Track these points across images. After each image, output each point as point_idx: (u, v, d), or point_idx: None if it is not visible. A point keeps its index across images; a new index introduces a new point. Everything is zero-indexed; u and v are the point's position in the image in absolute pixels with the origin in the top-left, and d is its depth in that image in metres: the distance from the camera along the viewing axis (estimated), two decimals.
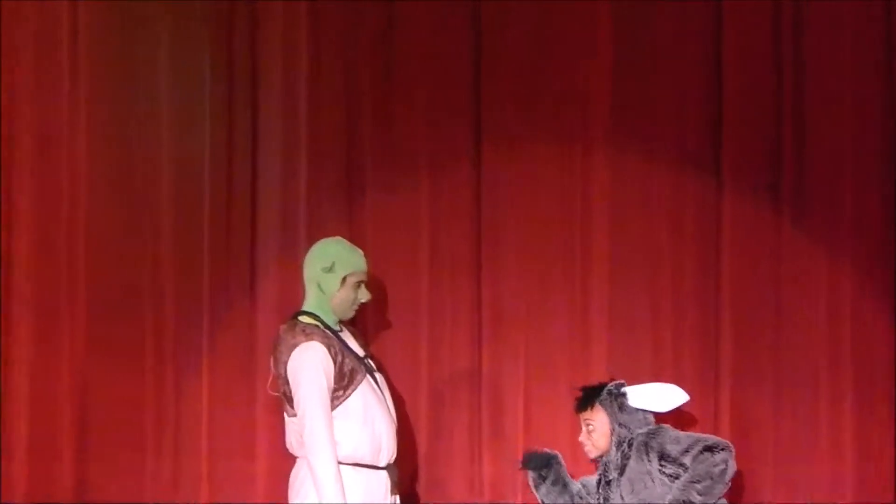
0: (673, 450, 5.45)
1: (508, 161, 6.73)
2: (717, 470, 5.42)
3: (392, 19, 6.71)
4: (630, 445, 5.54)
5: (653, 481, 5.47)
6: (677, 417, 6.07)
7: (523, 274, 6.72)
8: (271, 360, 5.53)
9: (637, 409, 5.60)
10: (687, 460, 5.42)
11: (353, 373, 5.43)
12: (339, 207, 6.71)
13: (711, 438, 5.51)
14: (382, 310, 6.60)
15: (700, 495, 5.39)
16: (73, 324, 6.70)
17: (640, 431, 5.55)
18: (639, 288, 6.72)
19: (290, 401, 5.41)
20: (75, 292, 6.71)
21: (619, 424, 5.58)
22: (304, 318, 5.51)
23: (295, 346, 5.39)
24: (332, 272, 5.53)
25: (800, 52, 6.69)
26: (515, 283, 6.71)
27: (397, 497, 5.58)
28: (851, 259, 6.70)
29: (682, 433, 5.58)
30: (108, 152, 6.73)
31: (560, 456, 5.78)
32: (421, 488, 6.62)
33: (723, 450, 5.42)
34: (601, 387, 5.68)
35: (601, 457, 5.66)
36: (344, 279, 5.53)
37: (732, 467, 5.44)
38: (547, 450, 5.78)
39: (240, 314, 6.71)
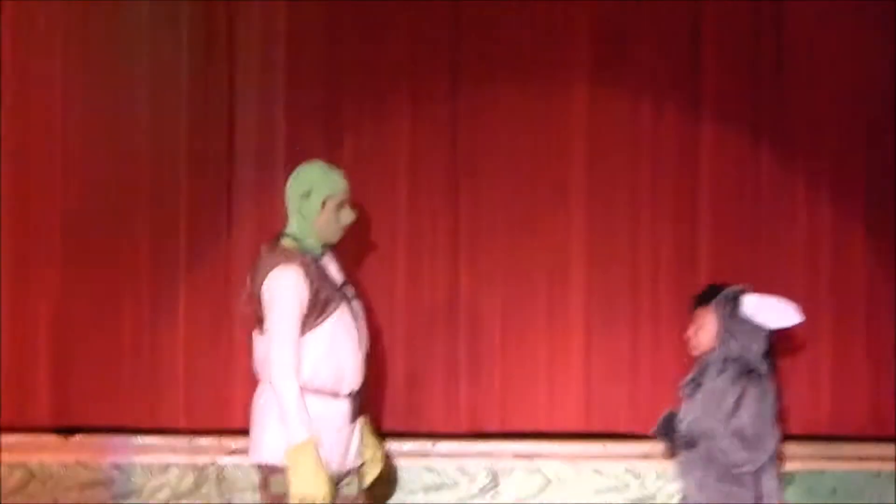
0: (745, 413, 5.44)
1: (487, 93, 6.73)
2: (729, 459, 5.41)
3: None
4: (734, 362, 5.55)
5: (718, 408, 5.47)
6: None
7: (501, 204, 6.73)
8: (248, 277, 5.52)
9: (748, 320, 5.55)
10: (733, 424, 5.41)
11: (327, 301, 5.39)
12: (318, 139, 6.69)
13: (765, 440, 5.46)
14: (361, 238, 6.57)
15: (719, 452, 5.41)
16: (49, 257, 6.72)
17: (749, 359, 5.57)
18: (618, 218, 6.74)
19: (261, 321, 5.41)
20: (51, 227, 6.73)
21: (727, 330, 5.52)
22: (286, 242, 5.49)
23: (273, 266, 5.36)
24: (309, 197, 5.47)
25: None
26: (493, 213, 6.73)
27: (357, 424, 5.56)
28: (829, 187, 6.72)
29: (764, 404, 5.44)
30: (85, 84, 6.73)
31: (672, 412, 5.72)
32: (398, 416, 6.65)
33: (751, 459, 5.44)
34: (721, 288, 5.62)
35: (702, 356, 5.62)
36: (323, 203, 5.48)
37: (742, 464, 5.44)
38: (664, 413, 5.72)
39: (216, 245, 6.73)
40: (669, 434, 5.58)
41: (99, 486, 6.52)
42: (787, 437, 6.41)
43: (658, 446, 6.40)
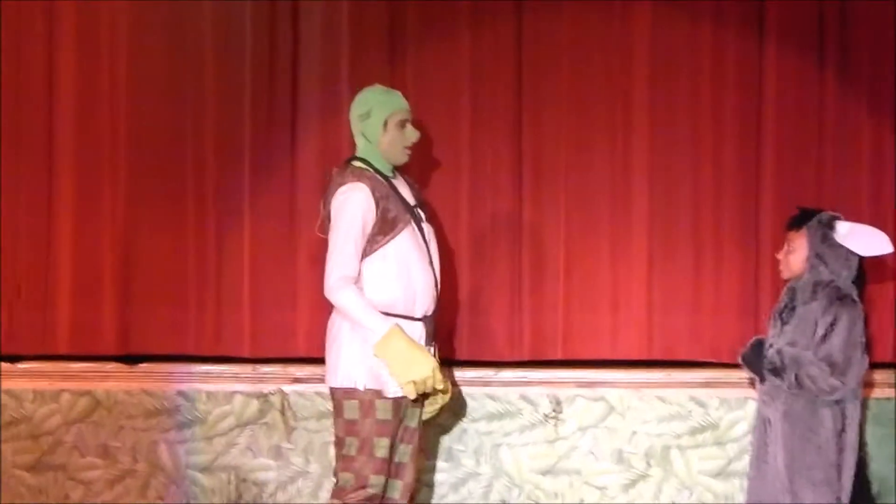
0: (836, 339, 5.42)
1: (550, 15, 6.66)
2: (818, 386, 5.39)
3: None
4: (825, 288, 5.51)
5: (809, 334, 5.46)
6: None
7: (564, 127, 6.68)
8: (321, 201, 5.54)
9: (840, 246, 5.52)
10: (823, 350, 5.40)
11: (395, 220, 5.42)
12: (381, 63, 6.66)
13: (854, 367, 5.45)
14: (423, 162, 6.57)
15: (807, 379, 5.39)
16: (114, 179, 6.74)
17: (841, 285, 5.51)
18: (680, 142, 6.68)
19: None
20: (117, 148, 6.74)
21: (817, 255, 5.52)
22: (355, 163, 5.52)
23: (342, 184, 5.40)
24: (370, 118, 5.51)
25: None
26: (556, 136, 6.68)
27: (433, 348, 5.59)
28: (894, 115, 6.62)
29: (855, 331, 5.46)
30: (151, 11, 6.70)
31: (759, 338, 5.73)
32: (461, 344, 6.67)
33: (838, 386, 5.40)
34: (814, 213, 5.62)
35: (791, 280, 5.62)
36: (385, 122, 5.51)
37: (830, 391, 5.43)
38: (752, 340, 5.72)
39: (281, 169, 6.72)
40: (757, 362, 5.56)
41: (163, 414, 6.57)
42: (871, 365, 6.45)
43: (721, 373, 6.44)
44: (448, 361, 6.39)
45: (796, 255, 5.59)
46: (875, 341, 6.54)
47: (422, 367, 5.31)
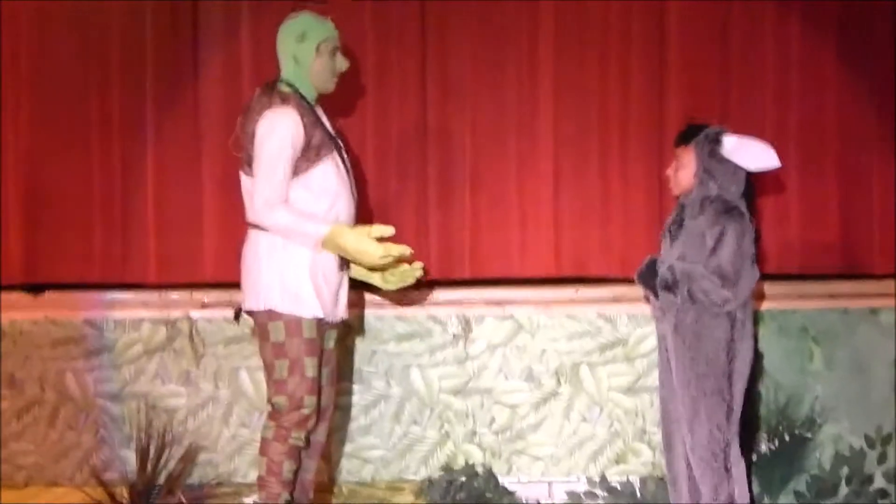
0: (725, 252, 5.42)
1: None
2: (710, 298, 5.39)
3: None
4: (712, 203, 5.50)
5: (699, 248, 5.46)
6: None
7: (468, 45, 6.66)
8: (240, 119, 5.48)
9: (728, 161, 5.50)
10: (713, 263, 5.40)
11: (320, 147, 5.40)
12: None
13: (744, 278, 5.43)
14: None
15: (700, 293, 5.41)
16: (16, 107, 6.65)
17: (728, 198, 5.50)
18: (586, 59, 6.68)
19: (251, 162, 5.40)
20: (20, 76, 6.65)
21: (705, 170, 5.50)
22: (282, 86, 5.48)
23: (269, 106, 5.36)
24: (304, 41, 5.47)
25: None
26: (460, 55, 6.67)
27: (346, 274, 5.60)
28: (800, 20, 6.66)
29: (744, 243, 5.43)
30: None
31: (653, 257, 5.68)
32: None
33: (730, 297, 5.40)
34: (702, 127, 5.58)
35: (681, 196, 5.61)
36: (318, 47, 5.48)
37: (722, 303, 5.43)
38: (646, 259, 5.66)
39: (183, 96, 6.66)
40: (652, 279, 5.57)
41: (70, 343, 6.52)
42: (777, 277, 6.48)
43: (629, 289, 6.45)
44: (356, 282, 6.35)
45: (685, 171, 5.57)
46: (778, 252, 6.60)
47: (371, 253, 5.33)
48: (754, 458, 6.45)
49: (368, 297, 6.48)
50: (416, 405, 6.54)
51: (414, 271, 5.61)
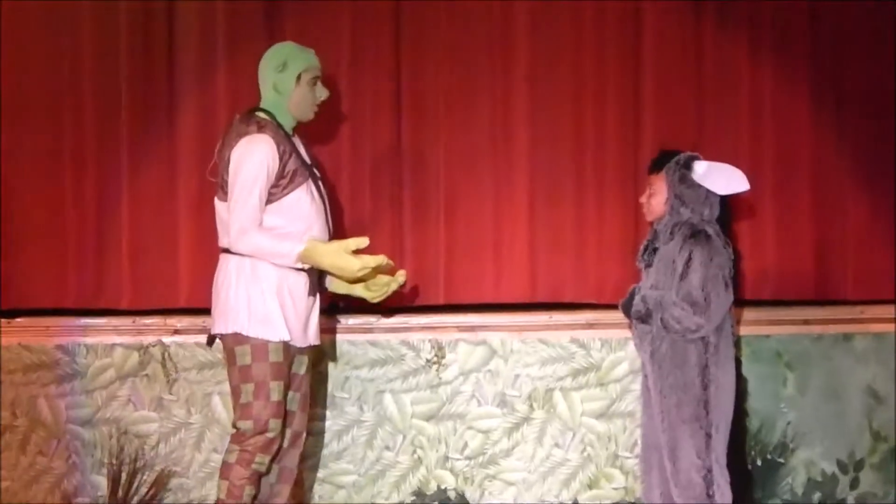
0: (694, 277, 5.43)
1: None
2: (683, 325, 5.41)
3: None
4: (681, 228, 5.50)
5: (670, 274, 5.47)
6: None
7: (443, 72, 6.67)
8: (218, 144, 5.52)
9: (698, 186, 5.52)
10: (683, 290, 5.41)
11: (294, 174, 5.46)
12: (258, 14, 6.63)
13: (715, 303, 5.46)
14: None
15: (672, 321, 5.42)
16: None
17: (696, 222, 5.51)
18: (561, 88, 6.68)
19: (226, 188, 5.42)
20: None
21: (676, 196, 5.53)
22: (260, 114, 5.51)
23: (245, 134, 5.39)
24: (285, 70, 5.53)
25: None
26: (435, 81, 6.67)
27: (316, 298, 5.61)
28: (772, 53, 6.67)
29: (713, 267, 5.46)
30: None
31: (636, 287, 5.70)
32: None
33: (702, 324, 5.42)
34: (673, 154, 5.62)
35: (655, 223, 5.64)
36: (299, 76, 5.53)
37: (696, 329, 5.45)
38: (630, 289, 5.69)
39: (158, 122, 6.66)
40: (631, 309, 5.59)
41: (43, 369, 6.50)
42: (749, 303, 6.49)
43: (602, 315, 6.47)
44: (330, 308, 6.38)
45: (657, 198, 5.61)
46: (752, 278, 6.61)
47: (349, 267, 5.38)
48: None
49: (341, 321, 6.47)
50: (389, 430, 6.53)
51: (396, 281, 5.64)
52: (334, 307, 6.38)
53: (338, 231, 6.39)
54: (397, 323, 6.52)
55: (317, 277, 5.60)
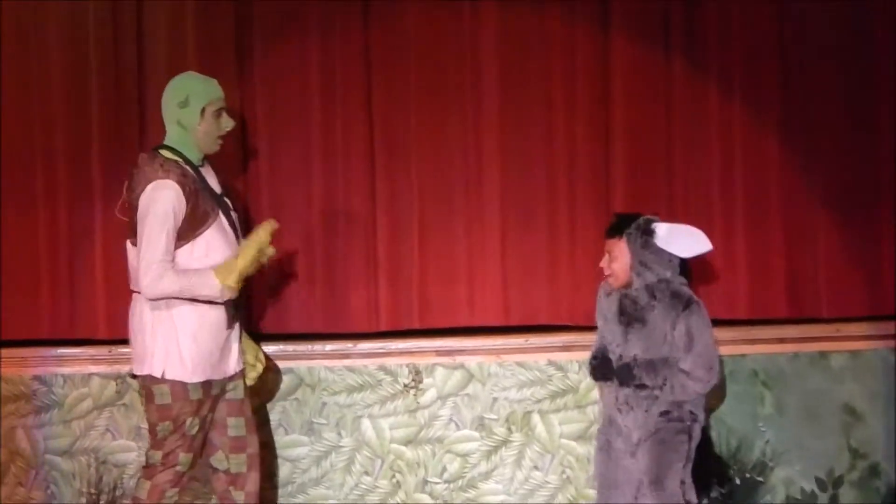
0: (700, 345, 5.45)
1: (398, 9, 6.70)
2: (696, 390, 5.46)
3: None
4: (659, 290, 5.49)
5: (670, 338, 5.48)
6: None
7: (415, 102, 6.70)
8: (126, 184, 5.50)
9: (662, 250, 5.50)
10: (691, 361, 5.44)
11: (205, 214, 5.42)
12: (229, 51, 6.67)
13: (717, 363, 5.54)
14: (274, 155, 6.66)
15: (679, 386, 5.46)
16: None
17: (676, 287, 5.49)
18: (532, 116, 6.71)
19: (135, 231, 5.41)
20: None
21: (640, 262, 5.50)
22: (164, 152, 5.47)
23: (151, 180, 5.35)
24: (188, 105, 5.47)
25: None
26: (406, 111, 6.70)
27: (235, 330, 5.60)
28: (742, 102, 6.71)
29: (708, 329, 5.51)
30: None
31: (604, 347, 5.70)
32: (318, 315, 6.67)
33: (714, 379, 5.48)
34: (630, 217, 5.59)
35: (621, 288, 5.59)
36: (203, 111, 5.47)
37: (695, 400, 5.52)
38: (597, 354, 5.67)
39: (130, 154, 6.56)
40: (610, 372, 5.57)
41: (20, 400, 6.51)
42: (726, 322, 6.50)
43: (579, 337, 6.47)
44: (306, 335, 6.41)
45: (619, 264, 5.55)
46: (727, 298, 6.62)
47: (253, 253, 5.41)
48: (705, 502, 6.44)
49: (318, 346, 6.48)
50: (368, 455, 6.53)
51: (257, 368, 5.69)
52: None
53: (307, 256, 6.46)
54: (374, 348, 6.53)
55: (234, 309, 5.58)
